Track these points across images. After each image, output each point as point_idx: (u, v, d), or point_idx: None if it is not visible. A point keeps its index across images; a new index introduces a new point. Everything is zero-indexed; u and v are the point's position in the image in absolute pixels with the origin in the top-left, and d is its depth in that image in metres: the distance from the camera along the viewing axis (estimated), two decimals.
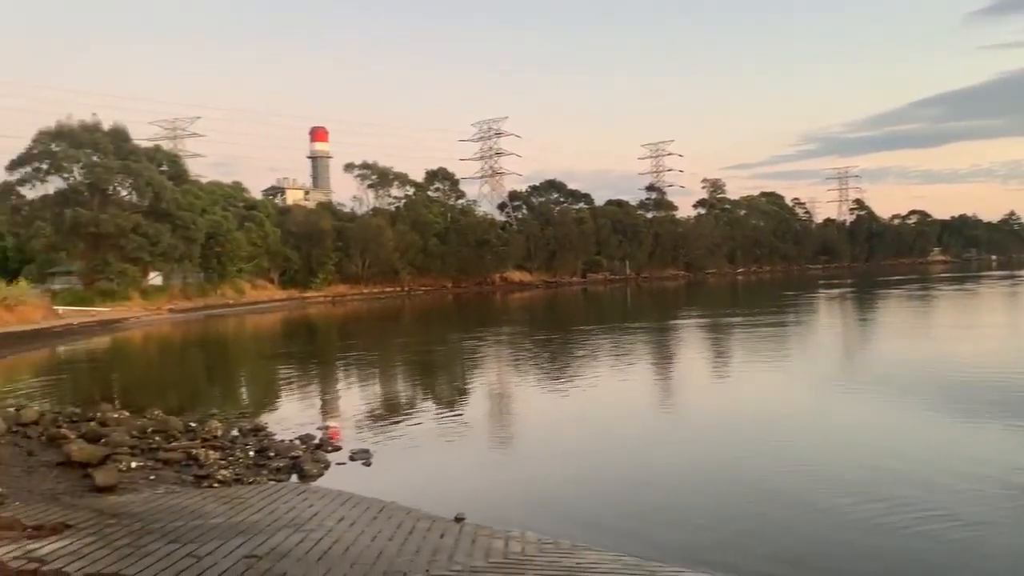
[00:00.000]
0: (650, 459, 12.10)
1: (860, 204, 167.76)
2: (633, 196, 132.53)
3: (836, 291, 65.94)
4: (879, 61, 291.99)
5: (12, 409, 15.22)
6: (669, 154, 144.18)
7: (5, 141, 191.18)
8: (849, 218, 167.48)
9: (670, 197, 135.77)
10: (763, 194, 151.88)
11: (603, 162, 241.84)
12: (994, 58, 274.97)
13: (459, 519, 8.20)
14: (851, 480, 10.24)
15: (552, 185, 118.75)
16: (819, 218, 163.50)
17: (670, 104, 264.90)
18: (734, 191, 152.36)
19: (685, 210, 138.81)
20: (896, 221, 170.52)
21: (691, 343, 30.46)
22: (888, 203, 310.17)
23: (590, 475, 11.16)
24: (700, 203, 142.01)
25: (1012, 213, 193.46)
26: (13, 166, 58.79)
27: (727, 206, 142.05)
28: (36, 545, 6.52)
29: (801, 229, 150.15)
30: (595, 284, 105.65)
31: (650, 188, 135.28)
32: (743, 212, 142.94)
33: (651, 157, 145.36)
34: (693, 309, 51.25)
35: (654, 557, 7.32)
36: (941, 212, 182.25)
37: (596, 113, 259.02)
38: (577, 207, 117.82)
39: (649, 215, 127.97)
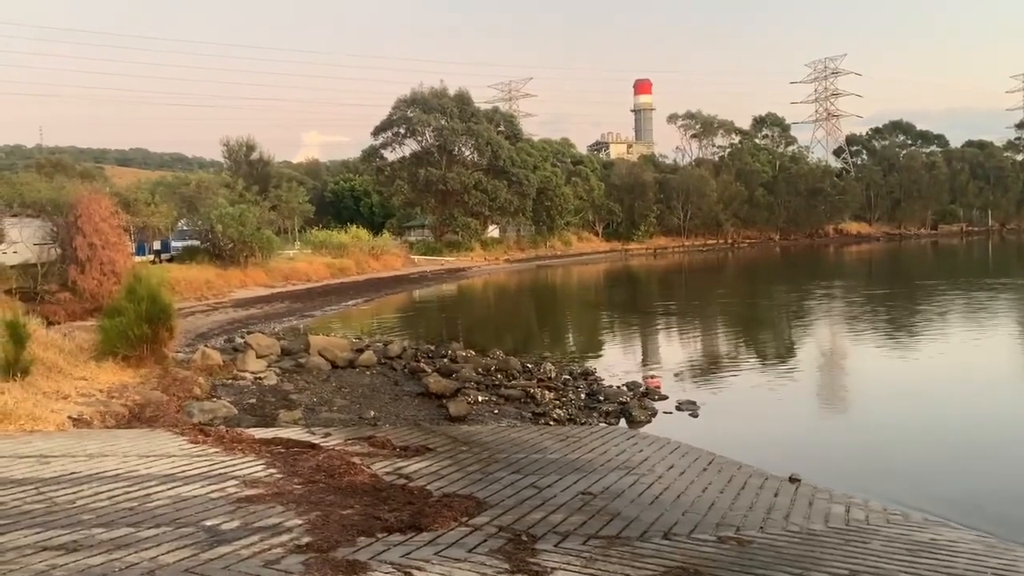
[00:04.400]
0: (1005, 432, 10.60)
1: None
2: (999, 136, 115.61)
3: None
4: None
5: (381, 344, 17.40)
6: None
7: (370, 110, 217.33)
8: None
9: None
10: None
11: (960, 99, 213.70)
12: None
13: (794, 480, 7.83)
14: None
15: (897, 126, 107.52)
16: None
17: None
18: None
19: None
20: None
21: None
22: None
23: (933, 444, 10.10)
24: None
25: None
26: (376, 131, 66.61)
27: None
28: (404, 464, 7.40)
29: None
30: (948, 237, 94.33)
31: (1020, 126, 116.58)
32: None
33: (1021, 90, 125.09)
34: None
35: (1013, 540, 6.40)
36: None
37: (949, 43, 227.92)
38: (928, 150, 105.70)
39: (1019, 157, 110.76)
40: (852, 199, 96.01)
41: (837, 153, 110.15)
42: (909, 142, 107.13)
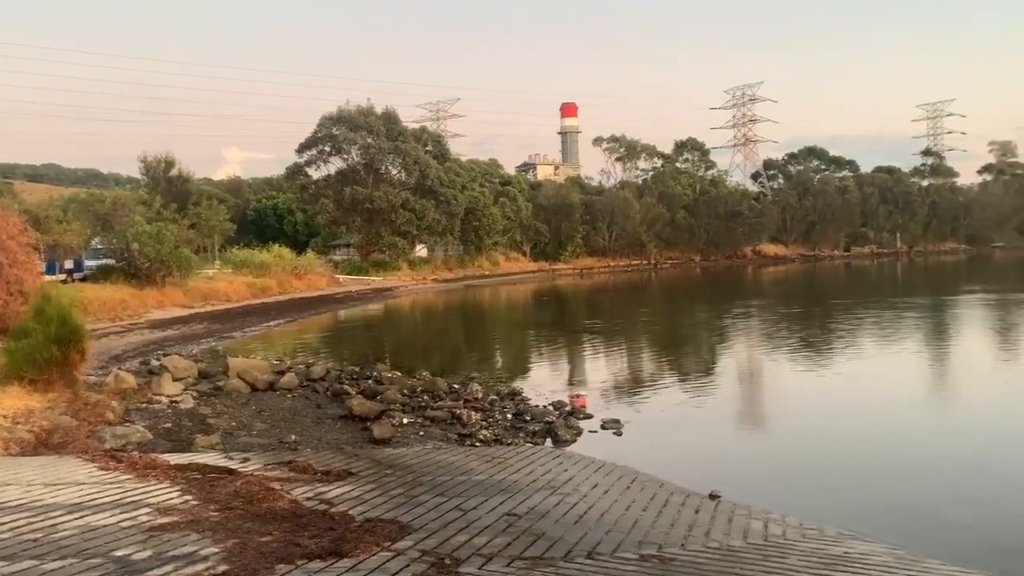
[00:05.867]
0: (917, 447, 11.07)
1: None
2: (906, 162, 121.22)
3: None
4: None
5: (303, 366, 17.08)
6: (949, 115, 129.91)
7: (294, 128, 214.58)
8: None
9: (950, 162, 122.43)
10: None
11: (870, 126, 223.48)
12: None
13: (714, 496, 7.98)
14: None
15: (812, 152, 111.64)
16: None
17: (949, 58, 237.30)
18: None
19: (968, 177, 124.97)
20: None
21: (970, 322, 27.34)
22: None
23: (847, 459, 10.44)
24: (986, 168, 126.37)
25: None
26: (301, 149, 65.74)
27: (1019, 171, 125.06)
28: (325, 488, 7.25)
29: None
30: (860, 258, 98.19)
31: (926, 153, 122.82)
32: None
33: (927, 119, 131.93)
34: (975, 286, 45.92)
35: (927, 553, 6.66)
36: None
37: (862, 73, 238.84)
38: (840, 175, 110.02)
39: (924, 183, 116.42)
40: (769, 222, 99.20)
41: (755, 177, 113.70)
42: (823, 167, 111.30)
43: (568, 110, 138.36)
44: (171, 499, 6.49)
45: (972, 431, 11.87)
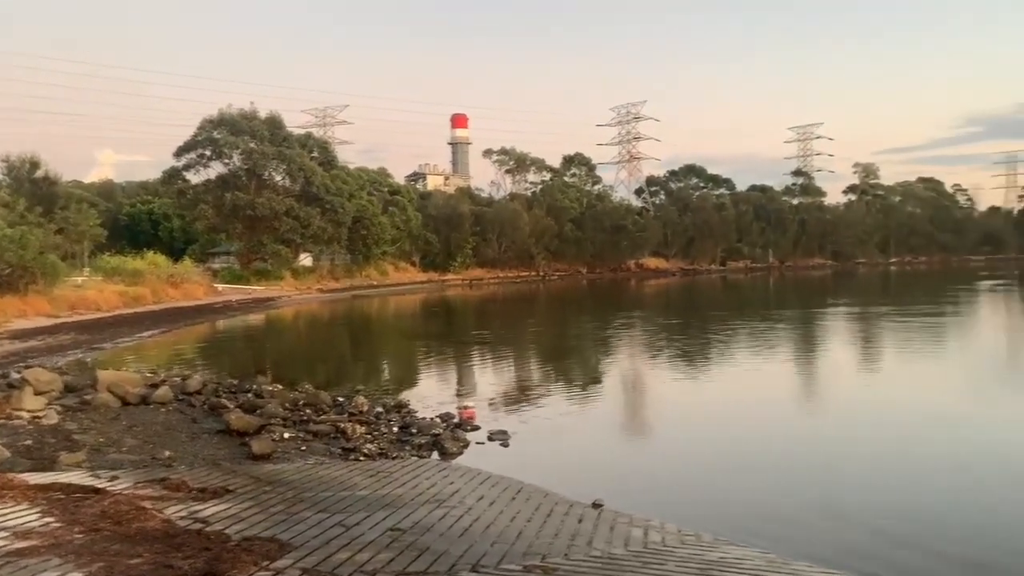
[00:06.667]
0: (791, 452, 11.64)
1: None
2: (778, 181, 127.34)
3: (999, 284, 61.10)
4: None
5: (178, 379, 16.36)
6: (817, 137, 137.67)
7: (173, 130, 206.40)
8: (1017, 206, 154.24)
9: (818, 183, 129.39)
10: (920, 179, 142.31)
11: (746, 146, 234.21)
12: None
13: (597, 505, 8.14)
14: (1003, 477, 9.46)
15: (691, 170, 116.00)
16: (982, 206, 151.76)
17: (820, 84, 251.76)
18: (889, 176, 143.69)
19: (834, 196, 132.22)
20: None
21: (835, 333, 29.02)
22: None
23: (728, 467, 10.85)
24: (850, 189, 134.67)
25: None
26: (179, 152, 63.16)
27: (880, 192, 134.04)
28: (200, 507, 6.96)
29: (962, 217, 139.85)
30: (735, 272, 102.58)
31: (796, 173, 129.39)
32: (897, 199, 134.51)
33: (798, 140, 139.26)
34: (840, 299, 48.81)
35: (797, 557, 7.00)
36: None
37: (739, 96, 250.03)
38: (717, 192, 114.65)
39: (795, 201, 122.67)
40: (651, 236, 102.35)
41: (638, 193, 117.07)
42: (702, 185, 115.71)
43: (458, 121, 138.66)
44: (29, 522, 6.08)
45: (837, 438, 12.56)
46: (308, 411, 13.50)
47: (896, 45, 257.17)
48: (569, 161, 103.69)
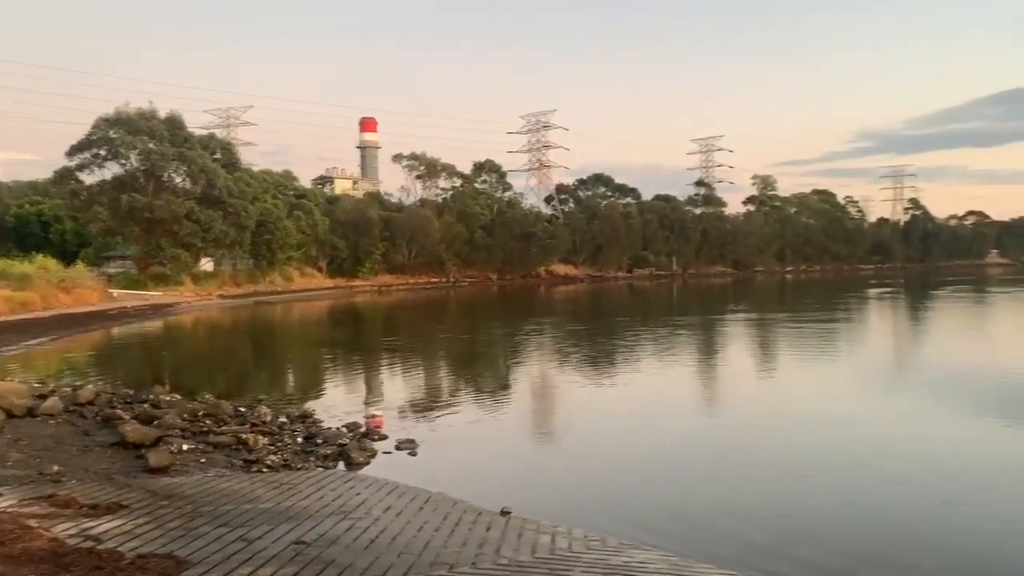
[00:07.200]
0: (694, 454, 11.97)
1: (915, 203, 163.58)
2: (682, 192, 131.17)
3: (887, 291, 64.54)
4: (940, 57, 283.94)
5: (69, 389, 15.59)
6: (719, 149, 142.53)
7: (65, 127, 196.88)
8: (904, 218, 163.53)
9: (719, 193, 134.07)
10: (815, 192, 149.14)
11: (652, 157, 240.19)
12: None
13: (505, 512, 8.17)
14: (885, 473, 9.99)
15: (599, 179, 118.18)
16: (872, 217, 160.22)
17: (723, 98, 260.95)
18: (786, 188, 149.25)
19: (734, 207, 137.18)
20: (953, 222, 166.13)
21: (734, 339, 30.04)
22: (945, 203, 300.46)
23: (633, 471, 11.07)
24: (749, 200, 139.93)
25: None
26: (73, 151, 60.27)
27: (777, 203, 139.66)
28: (92, 524, 6.64)
29: (853, 228, 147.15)
30: (641, 280, 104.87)
31: (699, 184, 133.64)
32: (793, 210, 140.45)
33: (700, 152, 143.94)
34: (739, 306, 50.57)
35: (699, 558, 7.20)
36: (1001, 213, 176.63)
37: (646, 108, 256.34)
38: (624, 201, 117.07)
39: (697, 211, 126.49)
40: (560, 243, 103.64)
41: (548, 200, 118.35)
42: (609, 193, 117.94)
43: (368, 124, 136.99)
44: None
45: (738, 439, 12.98)
46: (208, 422, 13.06)
47: (795, 64, 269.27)
48: (480, 168, 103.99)
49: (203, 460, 10.67)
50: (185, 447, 11.14)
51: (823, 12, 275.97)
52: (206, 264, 67.50)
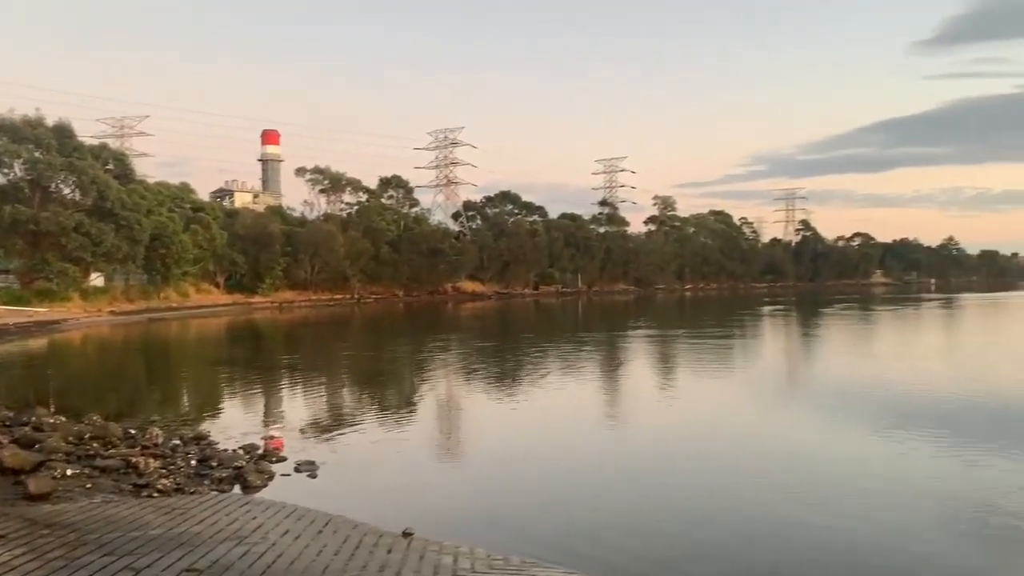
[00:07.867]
0: (599, 473, 12.12)
1: (806, 225, 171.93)
2: (587, 210, 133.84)
3: (779, 309, 67.29)
4: (829, 87, 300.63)
5: None
6: (622, 170, 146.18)
7: None
8: (795, 238, 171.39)
9: (622, 213, 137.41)
10: (712, 212, 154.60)
11: (558, 176, 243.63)
12: (938, 87, 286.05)
13: (407, 534, 8.08)
14: (788, 486, 10.40)
15: (506, 196, 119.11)
16: (766, 237, 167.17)
17: (626, 120, 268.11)
18: (685, 208, 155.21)
19: (636, 226, 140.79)
20: (840, 243, 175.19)
21: (636, 355, 30.70)
22: (833, 225, 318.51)
23: (539, 490, 11.12)
24: (651, 219, 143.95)
25: (951, 238, 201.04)
26: None
27: (676, 223, 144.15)
28: None
29: (748, 248, 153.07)
30: (547, 296, 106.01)
31: (603, 203, 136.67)
32: (692, 230, 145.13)
33: (604, 172, 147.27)
34: (641, 323, 51.74)
35: (602, 574, 7.30)
36: (884, 235, 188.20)
37: (553, 127, 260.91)
38: (531, 219, 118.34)
39: (601, 230, 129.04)
40: (468, 260, 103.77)
41: (455, 217, 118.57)
42: (516, 211, 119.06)
43: (269, 137, 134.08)
44: None
45: (641, 454, 13.24)
46: (95, 445, 12.46)
47: (694, 91, 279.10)
48: (386, 183, 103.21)
49: (89, 485, 10.15)
50: (69, 472, 10.59)
51: (719, 44, 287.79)
52: (96, 279, 64.45)
